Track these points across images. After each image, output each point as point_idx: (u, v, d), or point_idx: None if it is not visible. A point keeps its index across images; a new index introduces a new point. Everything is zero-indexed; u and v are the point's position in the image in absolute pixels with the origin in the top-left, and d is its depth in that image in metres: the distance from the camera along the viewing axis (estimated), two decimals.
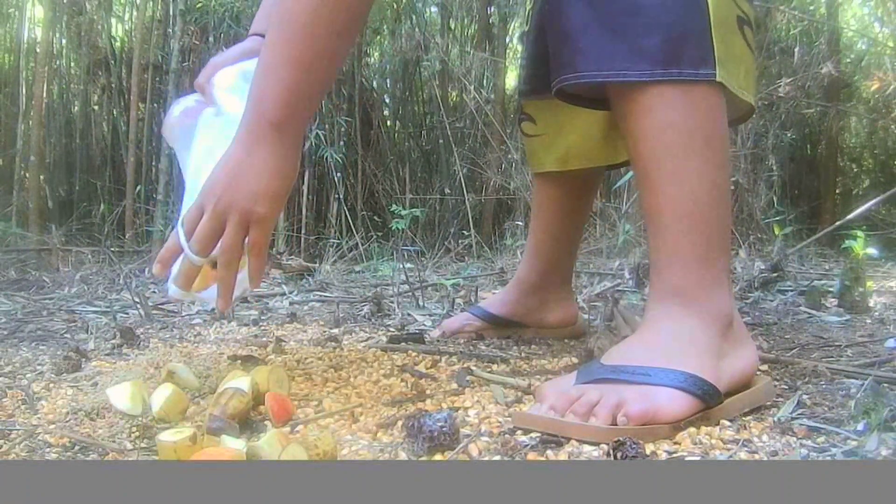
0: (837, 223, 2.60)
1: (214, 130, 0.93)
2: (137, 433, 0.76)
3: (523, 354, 1.09)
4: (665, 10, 0.76)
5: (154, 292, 2.02)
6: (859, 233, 1.57)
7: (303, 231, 3.49)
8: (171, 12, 3.48)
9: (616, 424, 0.68)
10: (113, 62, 3.83)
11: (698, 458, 0.64)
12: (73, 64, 4.01)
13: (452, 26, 4.26)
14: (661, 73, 0.76)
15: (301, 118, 0.83)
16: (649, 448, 0.65)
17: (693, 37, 0.76)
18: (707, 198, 0.77)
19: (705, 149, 0.77)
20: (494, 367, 1.00)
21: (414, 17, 3.91)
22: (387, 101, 4.46)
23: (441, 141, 3.87)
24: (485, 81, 3.78)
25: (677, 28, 0.76)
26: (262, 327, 1.39)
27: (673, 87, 0.76)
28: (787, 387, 0.88)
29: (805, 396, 0.82)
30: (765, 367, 0.94)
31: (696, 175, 0.77)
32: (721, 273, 0.79)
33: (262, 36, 0.97)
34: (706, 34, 0.77)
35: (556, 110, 1.15)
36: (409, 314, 1.55)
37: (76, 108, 3.99)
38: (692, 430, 0.70)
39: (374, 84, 4.32)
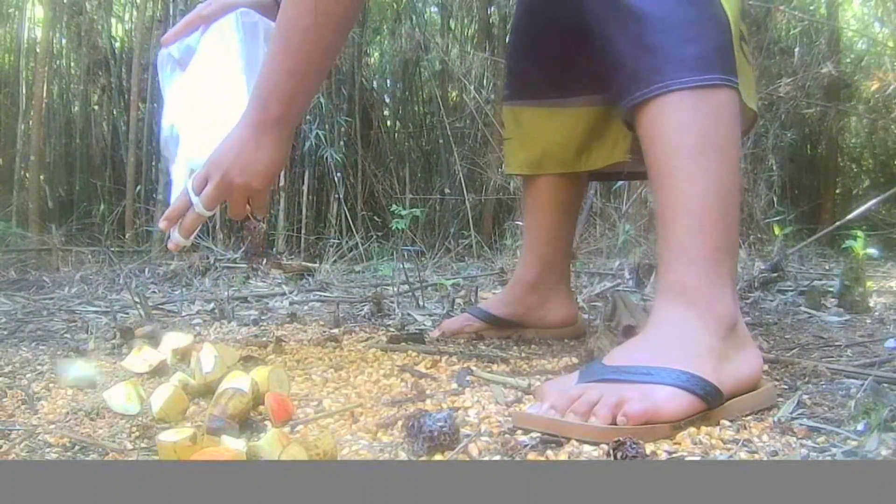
0: (837, 223, 2.59)
1: (186, 87, 1.13)
2: (137, 433, 0.76)
3: (523, 354, 1.09)
4: (696, 25, 0.81)
5: (154, 292, 2.02)
6: (859, 233, 1.57)
7: (303, 231, 3.49)
8: (171, 12, 3.48)
9: (616, 424, 0.68)
10: (113, 62, 3.82)
11: (698, 458, 0.64)
12: (73, 64, 4.01)
13: (452, 26, 4.26)
14: (701, 79, 0.79)
15: (296, 114, 1.04)
16: (649, 448, 0.65)
17: (721, 48, 0.81)
18: (717, 199, 0.79)
19: (720, 152, 0.80)
20: (494, 367, 1.00)
21: (414, 17, 3.90)
22: (387, 101, 4.46)
23: (441, 141, 3.86)
24: (485, 81, 3.78)
25: (710, 40, 0.81)
26: (262, 327, 1.39)
27: (693, 92, 0.79)
28: (787, 387, 0.88)
29: (805, 396, 0.82)
30: (765, 368, 0.94)
31: (709, 176, 0.79)
32: (726, 275, 0.80)
33: None
34: (731, 46, 0.82)
35: (520, 118, 1.22)
36: (409, 314, 1.55)
37: (76, 108, 3.98)
38: (692, 430, 0.70)
39: (374, 84, 4.31)
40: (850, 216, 2.57)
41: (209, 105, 1.08)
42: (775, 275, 1.85)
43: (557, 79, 1.17)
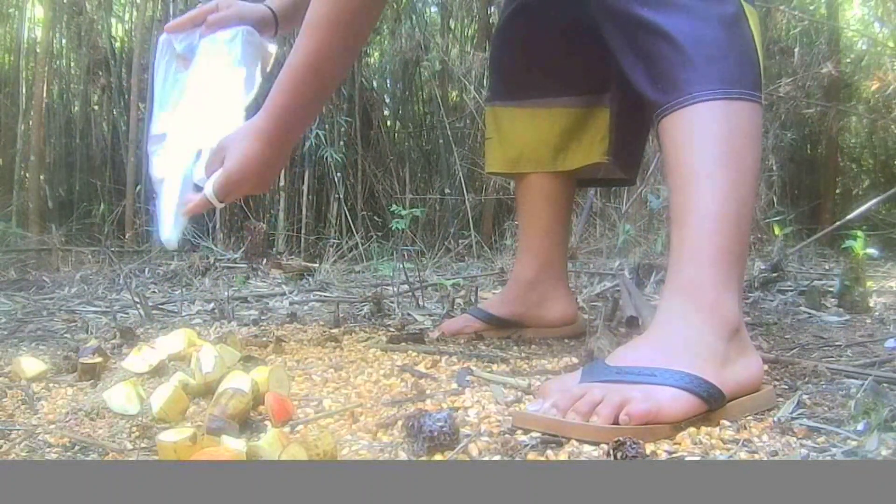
0: (837, 223, 2.59)
1: (190, 98, 1.16)
2: (137, 433, 0.77)
3: (523, 354, 1.09)
4: (722, 43, 0.83)
5: (154, 292, 2.02)
6: (859, 233, 1.57)
7: (303, 231, 3.49)
8: (171, 12, 3.48)
9: (618, 424, 0.68)
10: (113, 62, 3.82)
11: (698, 458, 0.64)
12: (73, 64, 4.01)
13: (452, 26, 4.26)
14: (727, 92, 0.82)
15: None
16: (649, 448, 0.65)
17: (746, 64, 0.84)
18: (734, 205, 0.81)
19: (741, 162, 0.82)
20: (494, 367, 1.00)
21: (414, 17, 3.90)
22: (387, 101, 4.45)
23: (441, 141, 3.86)
24: (485, 81, 3.76)
25: (735, 57, 0.84)
26: (262, 327, 1.39)
27: (718, 104, 0.82)
28: (787, 387, 0.88)
29: (805, 396, 0.82)
30: (765, 368, 0.94)
31: (729, 183, 0.81)
32: (734, 280, 0.81)
33: (272, 10, 1.24)
34: (756, 62, 0.85)
35: (500, 118, 1.25)
36: (409, 314, 1.55)
37: (76, 108, 3.98)
38: (692, 430, 0.70)
39: (374, 84, 4.31)
40: (850, 216, 2.57)
41: (214, 119, 1.13)
42: (775, 275, 1.85)
43: (535, 81, 1.20)
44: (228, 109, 1.13)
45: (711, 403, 0.72)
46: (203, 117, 1.12)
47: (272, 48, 1.22)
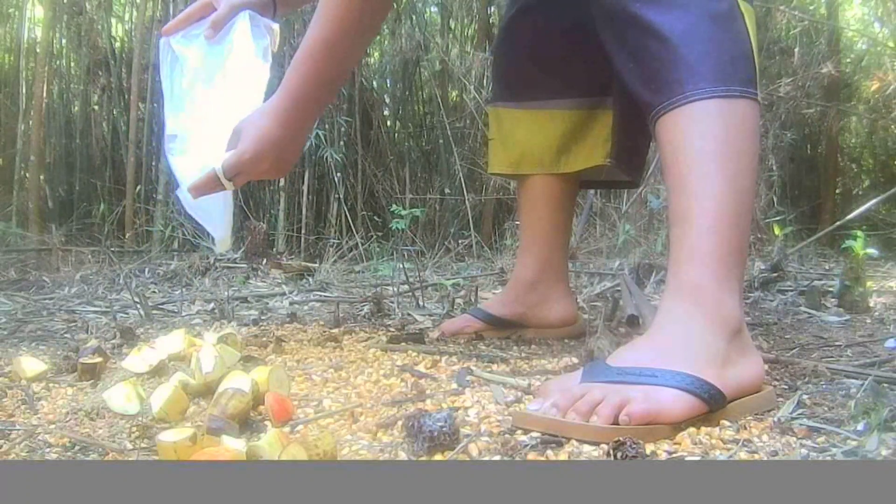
0: (837, 223, 2.60)
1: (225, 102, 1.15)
2: (137, 433, 0.76)
3: (523, 354, 1.09)
4: (716, 40, 0.83)
5: (154, 292, 2.02)
6: (859, 233, 1.57)
7: (303, 231, 3.49)
8: (170, 12, 3.48)
9: (618, 424, 0.68)
10: (113, 62, 3.82)
11: (698, 458, 0.64)
12: (73, 64, 4.01)
13: (452, 26, 4.26)
14: (721, 90, 0.81)
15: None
16: (649, 448, 0.65)
17: (741, 61, 0.83)
18: (732, 204, 0.80)
19: (738, 160, 0.81)
20: (494, 367, 1.00)
21: (414, 17, 3.90)
22: (387, 101, 4.45)
23: (441, 141, 3.86)
24: (485, 81, 3.76)
25: (730, 54, 0.83)
26: (262, 327, 1.39)
27: (713, 102, 0.81)
28: (787, 387, 0.88)
29: (805, 396, 0.82)
30: (765, 368, 0.94)
31: (727, 181, 0.80)
32: (735, 280, 0.81)
33: None
34: (751, 59, 0.84)
35: (502, 119, 1.25)
36: (409, 314, 1.55)
37: (76, 108, 3.98)
38: (692, 430, 0.70)
39: (374, 84, 4.31)
40: (850, 216, 2.58)
41: (238, 107, 1.12)
42: (775, 275, 1.85)
43: (538, 82, 1.20)
44: (249, 94, 1.12)
45: (712, 404, 0.72)
46: (227, 107, 1.12)
47: (275, 26, 1.22)
